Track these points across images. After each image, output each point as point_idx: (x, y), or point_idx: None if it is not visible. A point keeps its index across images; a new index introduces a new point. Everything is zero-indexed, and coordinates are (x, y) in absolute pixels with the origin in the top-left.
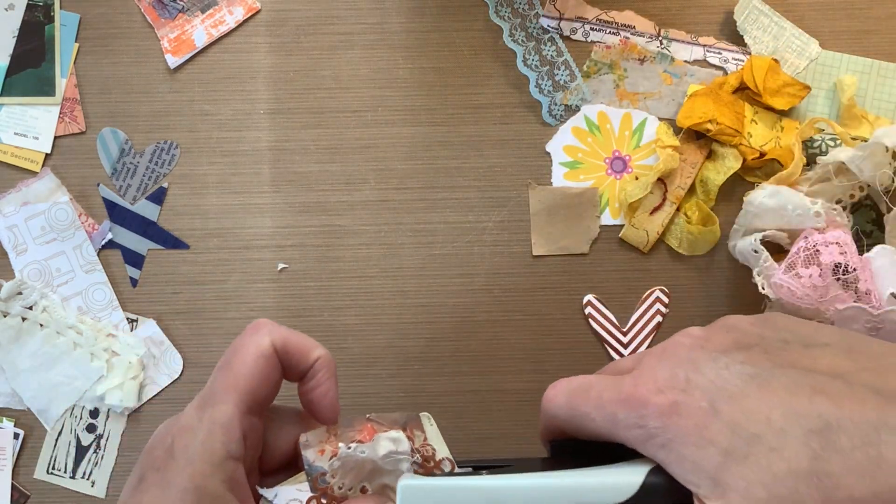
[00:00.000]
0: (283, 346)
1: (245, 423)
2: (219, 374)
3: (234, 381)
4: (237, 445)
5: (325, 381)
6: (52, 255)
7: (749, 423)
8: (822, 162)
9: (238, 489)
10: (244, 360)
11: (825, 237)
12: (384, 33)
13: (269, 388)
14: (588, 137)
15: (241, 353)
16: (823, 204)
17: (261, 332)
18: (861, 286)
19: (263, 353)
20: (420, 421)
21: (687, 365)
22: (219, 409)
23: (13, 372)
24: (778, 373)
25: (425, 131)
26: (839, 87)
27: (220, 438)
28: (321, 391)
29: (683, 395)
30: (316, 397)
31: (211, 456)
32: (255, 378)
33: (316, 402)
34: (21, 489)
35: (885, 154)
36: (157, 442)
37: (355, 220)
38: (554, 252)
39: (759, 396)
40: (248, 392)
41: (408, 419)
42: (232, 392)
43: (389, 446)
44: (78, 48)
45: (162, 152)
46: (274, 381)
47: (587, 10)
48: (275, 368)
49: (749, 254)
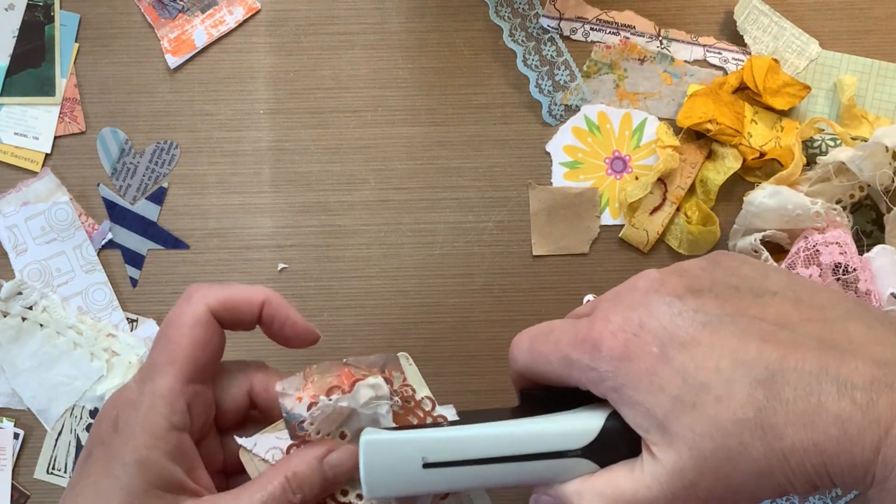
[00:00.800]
0: (222, 305)
1: (188, 392)
2: (157, 346)
3: (171, 352)
4: (180, 417)
5: (280, 314)
6: (52, 255)
7: (698, 372)
8: (822, 162)
9: (184, 459)
10: (181, 331)
11: (825, 237)
12: (384, 33)
13: (210, 353)
14: (588, 137)
15: (177, 322)
16: (823, 204)
17: (194, 299)
18: (861, 286)
19: (199, 321)
20: (399, 362)
21: (641, 309)
22: (158, 383)
23: (13, 372)
24: (728, 321)
25: (425, 131)
26: (839, 86)
27: (162, 411)
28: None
29: (635, 339)
30: (284, 332)
31: (153, 428)
32: (192, 347)
33: (287, 336)
34: (21, 489)
35: (886, 154)
36: (103, 416)
37: (355, 220)
38: (554, 252)
39: (710, 344)
40: (187, 362)
41: (386, 361)
42: (170, 364)
43: (369, 393)
44: (78, 48)
45: (162, 152)
46: (214, 346)
47: (587, 10)
48: (214, 333)
49: (749, 253)
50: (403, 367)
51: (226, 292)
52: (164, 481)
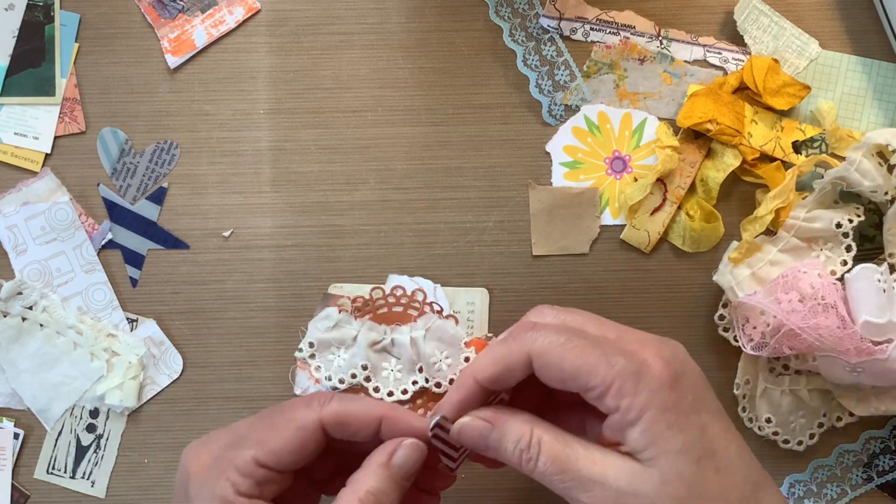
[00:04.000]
0: (335, 419)
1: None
2: (262, 420)
3: (266, 436)
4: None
5: (400, 427)
6: (52, 255)
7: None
8: (819, 185)
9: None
10: (286, 426)
11: (804, 263)
12: (384, 33)
13: (299, 457)
14: (588, 137)
15: (290, 415)
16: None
17: (313, 406)
18: (840, 310)
19: (306, 428)
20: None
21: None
22: (242, 454)
23: (13, 372)
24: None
25: (425, 131)
26: (818, 114)
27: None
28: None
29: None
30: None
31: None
32: (285, 443)
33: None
34: (21, 489)
35: (873, 158)
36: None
37: (355, 220)
38: (554, 252)
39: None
40: (274, 453)
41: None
42: (260, 444)
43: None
44: (78, 48)
45: (162, 152)
46: (308, 453)
47: (587, 10)
48: (313, 442)
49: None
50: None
51: (343, 408)
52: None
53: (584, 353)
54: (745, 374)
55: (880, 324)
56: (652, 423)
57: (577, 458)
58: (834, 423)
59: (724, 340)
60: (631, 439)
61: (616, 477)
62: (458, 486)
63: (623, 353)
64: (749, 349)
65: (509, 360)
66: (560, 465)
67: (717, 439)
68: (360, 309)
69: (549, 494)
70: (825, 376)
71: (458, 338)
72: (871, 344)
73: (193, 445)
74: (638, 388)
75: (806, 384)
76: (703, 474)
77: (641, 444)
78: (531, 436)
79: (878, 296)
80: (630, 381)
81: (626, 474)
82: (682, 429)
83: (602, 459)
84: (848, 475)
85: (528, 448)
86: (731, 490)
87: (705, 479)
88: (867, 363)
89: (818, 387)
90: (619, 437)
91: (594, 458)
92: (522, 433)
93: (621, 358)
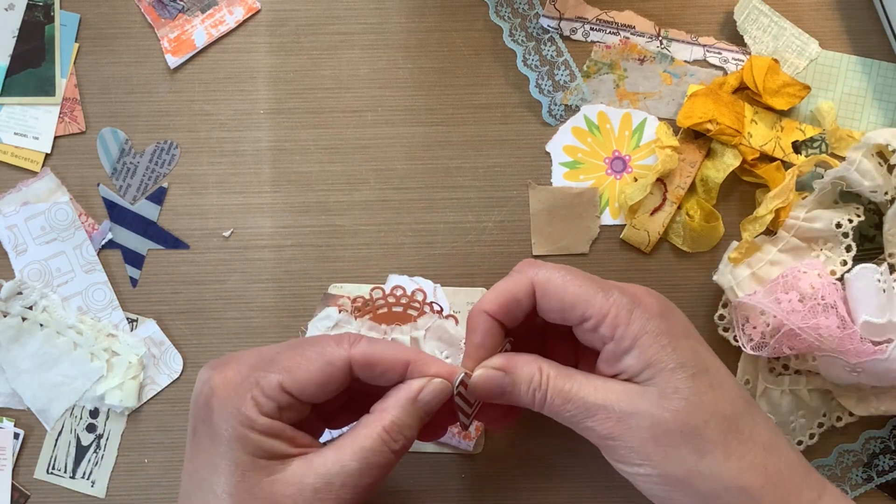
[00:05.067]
0: (364, 360)
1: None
2: (291, 348)
3: (296, 365)
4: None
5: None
6: (52, 255)
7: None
8: (819, 185)
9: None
10: (313, 358)
11: (804, 263)
12: (384, 33)
13: (322, 390)
14: (588, 137)
15: (320, 349)
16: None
17: (343, 343)
18: (840, 311)
19: (333, 364)
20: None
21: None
22: (269, 378)
23: (13, 372)
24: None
25: (425, 131)
26: (818, 115)
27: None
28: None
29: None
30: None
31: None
32: (311, 375)
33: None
34: (21, 489)
35: (873, 158)
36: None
37: (355, 220)
38: (554, 252)
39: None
40: (298, 382)
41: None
42: (287, 372)
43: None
44: (78, 48)
45: (162, 152)
46: (332, 387)
47: (587, 10)
48: (338, 378)
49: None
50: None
51: (372, 349)
52: (266, 452)
53: (583, 284)
54: (744, 374)
55: (880, 324)
56: (647, 347)
57: (581, 388)
58: (834, 423)
59: (724, 340)
60: (627, 365)
61: (617, 400)
62: (458, 486)
63: (617, 287)
64: (749, 349)
65: (515, 290)
66: (565, 395)
67: (709, 360)
68: (360, 309)
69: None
70: (825, 376)
71: (458, 338)
72: (871, 344)
73: (214, 363)
74: (631, 318)
75: (806, 384)
76: (699, 388)
77: (638, 367)
78: (540, 374)
79: (877, 296)
80: (624, 311)
81: (627, 396)
82: (675, 349)
83: (603, 386)
84: (848, 475)
85: (539, 387)
86: (725, 404)
87: (701, 393)
88: (867, 363)
89: (818, 387)
90: (615, 369)
91: (595, 385)
92: (532, 373)
93: (616, 291)
